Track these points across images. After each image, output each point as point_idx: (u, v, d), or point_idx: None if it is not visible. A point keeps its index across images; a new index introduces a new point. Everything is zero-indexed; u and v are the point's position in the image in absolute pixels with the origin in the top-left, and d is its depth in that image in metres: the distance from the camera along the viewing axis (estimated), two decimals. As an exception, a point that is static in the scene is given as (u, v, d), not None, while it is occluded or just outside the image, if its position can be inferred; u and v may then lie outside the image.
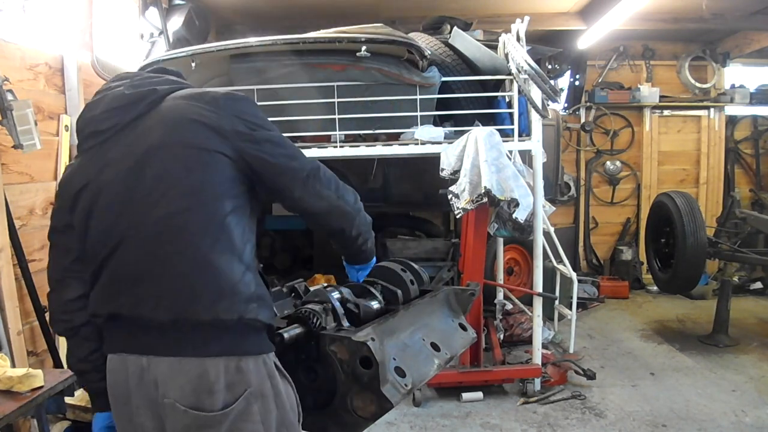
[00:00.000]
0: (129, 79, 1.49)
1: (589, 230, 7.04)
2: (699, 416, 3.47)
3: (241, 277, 1.33)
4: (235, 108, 1.42)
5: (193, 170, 1.35)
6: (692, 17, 5.57)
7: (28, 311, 2.81)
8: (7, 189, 2.70)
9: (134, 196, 1.36)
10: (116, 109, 1.43)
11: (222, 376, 1.29)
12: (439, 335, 1.67)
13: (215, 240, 1.33)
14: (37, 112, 2.81)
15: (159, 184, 1.35)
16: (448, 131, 3.75)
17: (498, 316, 4.75)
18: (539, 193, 3.68)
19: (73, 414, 2.60)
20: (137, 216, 1.35)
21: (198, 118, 1.38)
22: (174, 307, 1.30)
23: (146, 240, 1.34)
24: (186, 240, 1.32)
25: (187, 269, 1.31)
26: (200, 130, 1.37)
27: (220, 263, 1.32)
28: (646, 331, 5.13)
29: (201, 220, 1.33)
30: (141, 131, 1.41)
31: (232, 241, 1.34)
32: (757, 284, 6.34)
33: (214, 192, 1.35)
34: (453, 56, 4.00)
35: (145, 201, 1.35)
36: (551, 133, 5.96)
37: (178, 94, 1.47)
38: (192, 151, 1.36)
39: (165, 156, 1.36)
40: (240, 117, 1.41)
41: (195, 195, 1.34)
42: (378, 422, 1.34)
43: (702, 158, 6.92)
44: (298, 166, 1.46)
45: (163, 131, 1.39)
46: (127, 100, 1.43)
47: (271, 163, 1.42)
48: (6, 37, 2.80)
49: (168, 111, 1.42)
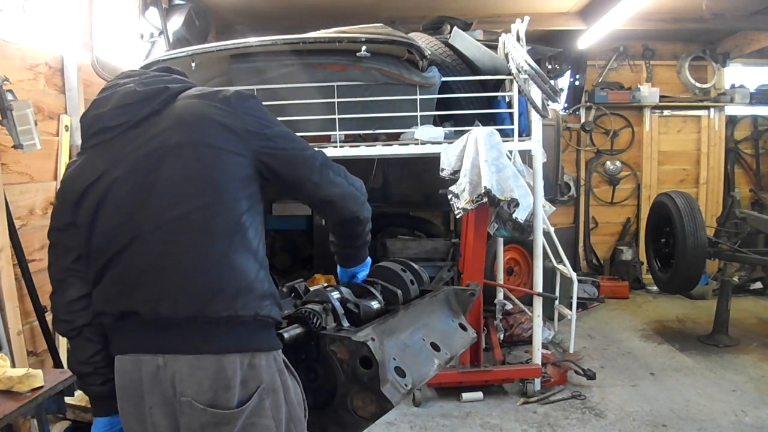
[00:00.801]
0: (138, 77, 1.48)
1: (589, 230, 7.04)
2: (699, 416, 3.47)
3: (255, 275, 1.35)
4: (245, 106, 1.44)
5: (214, 169, 1.36)
6: (692, 17, 5.57)
7: (28, 311, 2.81)
8: (7, 189, 2.70)
9: (151, 193, 1.35)
10: (128, 106, 1.42)
11: (238, 372, 1.30)
12: (439, 335, 1.67)
13: (233, 238, 1.35)
14: (37, 112, 2.81)
15: (179, 183, 1.36)
16: (448, 131, 3.75)
17: (498, 316, 4.75)
18: (539, 193, 3.68)
19: (73, 414, 2.59)
20: (155, 213, 1.35)
21: (214, 117, 1.40)
22: (194, 303, 1.31)
23: (164, 237, 1.34)
24: (206, 238, 1.33)
25: (207, 266, 1.32)
26: (218, 129, 1.39)
27: (238, 261, 1.34)
28: (646, 331, 5.13)
29: (221, 218, 1.35)
30: (155, 129, 1.40)
31: (247, 240, 1.37)
32: (757, 284, 6.34)
33: (233, 191, 1.37)
34: (453, 56, 4.00)
35: (164, 198, 1.35)
36: (551, 133, 5.96)
37: (190, 92, 1.47)
38: (212, 151, 1.37)
39: (185, 155, 1.37)
40: (250, 115, 1.43)
41: (215, 194, 1.35)
42: (378, 422, 1.34)
43: (702, 158, 6.92)
44: (311, 156, 1.52)
45: (181, 130, 1.39)
46: (139, 96, 1.43)
47: (288, 157, 1.47)
48: (6, 37, 2.80)
49: (183, 110, 1.42)
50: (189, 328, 1.31)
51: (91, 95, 1.51)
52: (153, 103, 1.43)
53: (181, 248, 1.33)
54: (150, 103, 1.43)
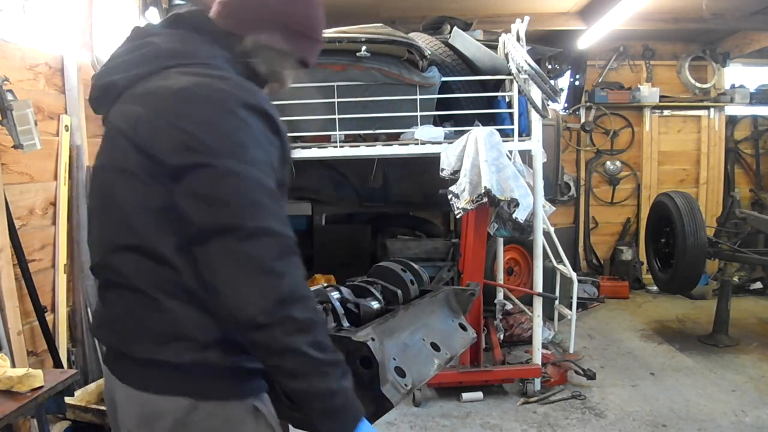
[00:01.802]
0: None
1: (589, 230, 7.04)
2: (699, 416, 3.47)
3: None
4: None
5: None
6: (692, 17, 5.57)
7: (28, 311, 2.81)
8: (7, 189, 2.70)
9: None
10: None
11: (168, 416, 1.16)
12: (439, 335, 1.67)
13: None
14: (37, 112, 2.81)
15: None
16: (448, 131, 3.75)
17: (498, 316, 4.75)
18: (539, 193, 3.68)
19: (73, 414, 2.60)
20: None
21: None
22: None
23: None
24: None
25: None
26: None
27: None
28: (646, 331, 5.13)
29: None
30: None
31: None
32: (757, 284, 6.34)
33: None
34: (453, 56, 4.01)
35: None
36: (551, 133, 5.96)
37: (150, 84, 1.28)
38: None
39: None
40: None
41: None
42: (378, 422, 1.33)
43: (702, 158, 6.92)
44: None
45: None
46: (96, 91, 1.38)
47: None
48: (6, 37, 2.80)
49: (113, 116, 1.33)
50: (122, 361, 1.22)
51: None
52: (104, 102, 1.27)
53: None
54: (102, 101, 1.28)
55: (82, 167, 3.23)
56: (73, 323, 3.17)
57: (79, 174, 3.22)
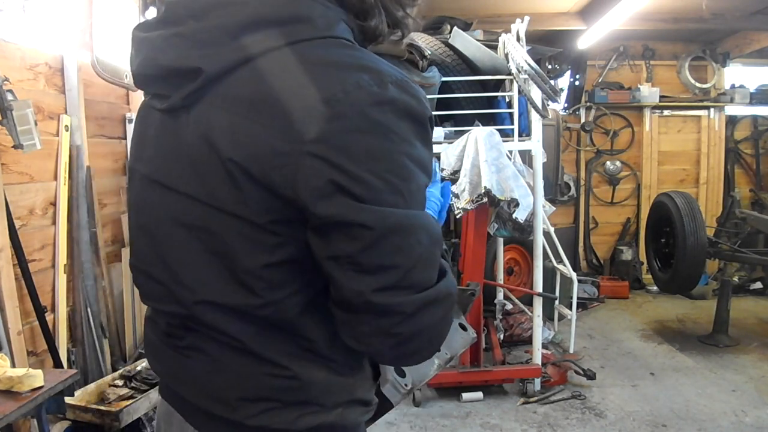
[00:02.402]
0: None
1: (589, 230, 7.04)
2: (699, 416, 3.47)
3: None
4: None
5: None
6: (692, 17, 5.57)
7: (28, 311, 2.81)
8: (7, 189, 2.69)
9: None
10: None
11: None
12: (439, 335, 1.67)
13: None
14: (37, 112, 2.81)
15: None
16: (448, 131, 3.75)
17: (498, 316, 4.75)
18: (539, 193, 3.68)
19: (73, 414, 2.60)
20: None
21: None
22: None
23: None
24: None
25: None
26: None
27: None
28: (646, 331, 5.13)
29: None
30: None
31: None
32: (757, 284, 6.33)
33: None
34: (453, 56, 4.00)
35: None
36: (551, 133, 5.96)
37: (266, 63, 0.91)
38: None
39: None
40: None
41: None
42: (378, 422, 1.33)
43: (702, 158, 6.92)
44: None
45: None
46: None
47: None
48: (6, 37, 2.80)
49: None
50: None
51: (91, 95, 1.50)
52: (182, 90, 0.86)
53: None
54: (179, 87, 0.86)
55: (82, 167, 3.23)
56: (73, 323, 3.17)
57: (79, 174, 3.22)
